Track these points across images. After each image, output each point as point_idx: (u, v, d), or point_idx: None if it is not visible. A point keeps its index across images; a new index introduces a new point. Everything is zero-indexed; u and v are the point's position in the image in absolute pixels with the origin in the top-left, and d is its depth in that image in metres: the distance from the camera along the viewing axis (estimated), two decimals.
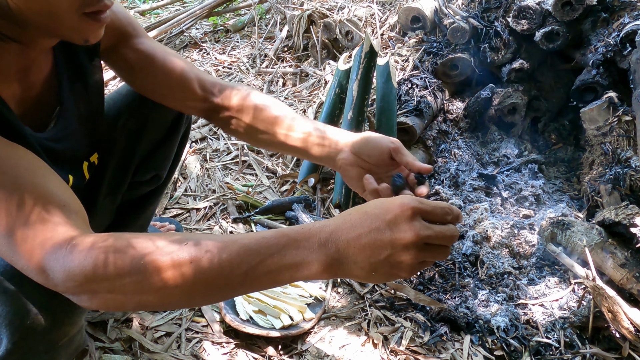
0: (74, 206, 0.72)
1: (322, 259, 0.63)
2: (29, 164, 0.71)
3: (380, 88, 1.97)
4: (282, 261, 0.63)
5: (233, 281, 0.64)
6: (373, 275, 0.64)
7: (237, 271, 0.63)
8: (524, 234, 1.69)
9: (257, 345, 1.29)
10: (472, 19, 2.25)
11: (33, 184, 0.69)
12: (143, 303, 0.67)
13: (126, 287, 0.64)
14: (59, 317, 0.76)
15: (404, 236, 0.62)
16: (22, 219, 0.66)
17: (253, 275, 0.63)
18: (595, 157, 1.90)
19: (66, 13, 0.72)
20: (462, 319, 1.38)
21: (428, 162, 2.08)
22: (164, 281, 0.63)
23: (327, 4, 2.94)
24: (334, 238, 0.64)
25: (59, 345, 0.78)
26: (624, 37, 1.88)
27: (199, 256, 0.63)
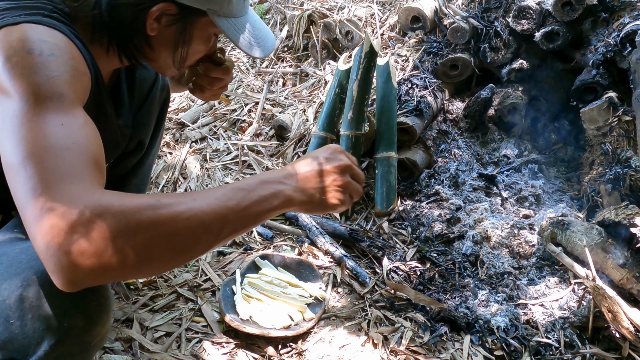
0: (102, 170, 0.77)
1: (289, 189, 0.82)
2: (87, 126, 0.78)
3: (380, 88, 1.97)
4: (262, 193, 0.79)
5: (229, 212, 0.74)
6: (318, 197, 0.85)
7: (230, 203, 0.75)
8: (524, 234, 1.69)
9: (257, 345, 1.28)
10: (472, 19, 2.25)
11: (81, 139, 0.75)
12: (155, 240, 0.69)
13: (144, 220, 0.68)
14: (93, 318, 0.77)
15: (343, 162, 0.88)
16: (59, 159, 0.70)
17: (242, 206, 0.76)
18: (595, 157, 1.90)
19: (186, 66, 1.02)
20: (462, 319, 1.38)
21: (428, 162, 2.08)
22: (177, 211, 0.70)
23: (327, 4, 2.94)
24: (292, 174, 0.85)
25: (92, 345, 0.79)
26: (624, 37, 1.88)
27: (197, 195, 0.74)
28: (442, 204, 1.87)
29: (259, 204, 0.77)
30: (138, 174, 1.40)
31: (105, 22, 0.92)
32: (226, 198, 0.75)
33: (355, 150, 1.89)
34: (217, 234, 0.74)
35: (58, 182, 0.67)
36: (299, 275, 1.48)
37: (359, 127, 1.89)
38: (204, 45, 1.01)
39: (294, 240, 1.70)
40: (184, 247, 0.71)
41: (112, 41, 0.96)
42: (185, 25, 0.94)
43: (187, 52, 0.99)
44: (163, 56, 0.98)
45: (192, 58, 1.02)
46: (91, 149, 0.75)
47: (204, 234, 0.72)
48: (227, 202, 0.74)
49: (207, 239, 0.73)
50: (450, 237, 1.72)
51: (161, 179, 2.03)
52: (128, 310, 1.36)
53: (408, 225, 1.80)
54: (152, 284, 1.48)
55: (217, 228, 0.73)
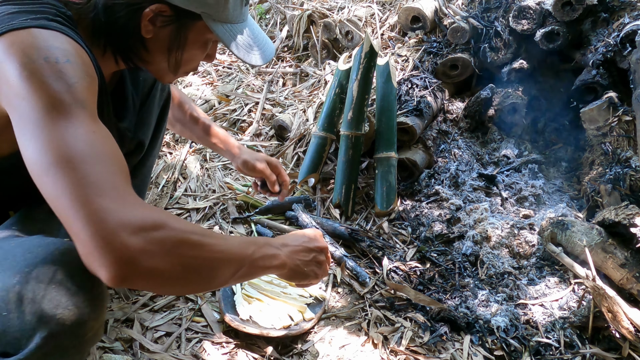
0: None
1: (284, 255, 1.00)
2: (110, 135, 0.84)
3: (380, 88, 1.97)
4: (267, 252, 0.95)
5: (246, 258, 0.88)
6: (302, 267, 1.04)
7: (248, 251, 0.89)
8: (524, 234, 1.69)
9: (257, 345, 1.29)
10: (472, 19, 2.25)
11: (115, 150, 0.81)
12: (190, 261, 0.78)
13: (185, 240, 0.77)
14: (86, 312, 0.77)
15: (322, 244, 1.10)
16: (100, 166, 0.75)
17: (254, 258, 0.90)
18: (595, 157, 1.90)
19: (182, 71, 1.03)
20: (462, 319, 1.39)
21: (428, 162, 2.08)
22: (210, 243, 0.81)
23: (327, 4, 2.94)
24: (286, 244, 1.04)
25: (85, 340, 0.79)
26: (624, 37, 1.88)
27: (224, 236, 0.90)
28: (442, 204, 1.87)
29: (264, 259, 0.92)
30: (138, 175, 1.40)
31: (103, 24, 0.93)
32: (244, 246, 0.89)
33: (355, 151, 1.89)
34: (233, 272, 0.86)
35: (111, 188, 0.73)
36: None
37: (359, 127, 1.89)
38: (200, 51, 1.01)
39: None
40: (210, 274, 0.82)
41: (108, 43, 0.96)
42: (179, 28, 0.94)
43: (182, 56, 0.98)
44: (158, 60, 0.98)
45: (189, 64, 1.02)
46: (120, 155, 0.81)
47: (226, 269, 0.85)
48: (245, 250, 0.89)
49: (225, 273, 0.85)
50: (450, 237, 1.72)
51: (161, 179, 2.03)
52: (128, 310, 1.36)
53: (408, 225, 1.80)
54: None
55: (235, 267, 0.86)
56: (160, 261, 0.72)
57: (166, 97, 1.35)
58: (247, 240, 0.93)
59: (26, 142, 0.75)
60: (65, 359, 0.78)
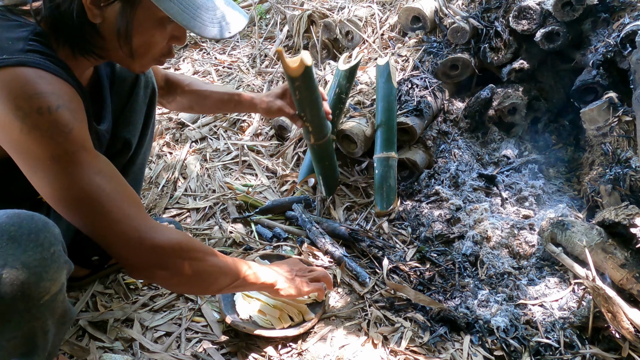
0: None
1: (274, 281, 1.22)
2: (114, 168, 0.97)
3: (381, 88, 1.97)
4: (259, 276, 1.19)
5: (238, 276, 1.14)
6: (292, 290, 1.25)
7: (241, 273, 1.15)
8: (524, 234, 1.69)
9: (257, 345, 1.29)
10: (472, 19, 2.25)
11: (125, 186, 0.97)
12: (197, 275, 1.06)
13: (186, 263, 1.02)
14: (38, 272, 0.75)
15: (303, 266, 1.36)
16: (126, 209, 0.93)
17: (242, 277, 1.15)
18: (595, 157, 1.90)
19: (149, 55, 1.00)
20: (462, 319, 1.38)
21: (428, 162, 2.08)
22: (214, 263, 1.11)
23: (327, 4, 2.94)
24: (276, 271, 1.27)
25: (41, 304, 0.77)
26: (624, 38, 1.88)
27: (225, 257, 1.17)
28: (442, 204, 1.86)
29: (255, 276, 1.18)
30: (129, 173, 1.40)
31: (55, 22, 0.91)
32: (240, 265, 1.15)
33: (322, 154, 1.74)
34: (229, 283, 1.12)
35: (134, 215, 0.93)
36: None
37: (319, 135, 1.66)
38: (157, 32, 0.95)
39: (294, 240, 1.70)
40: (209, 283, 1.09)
41: (66, 40, 0.94)
42: (125, 6, 0.90)
43: (134, 37, 0.93)
44: (115, 45, 0.95)
45: (149, 47, 0.97)
46: (125, 184, 0.96)
47: (224, 279, 1.11)
48: (241, 268, 1.15)
49: (223, 283, 1.11)
50: (450, 237, 1.72)
51: (161, 179, 2.03)
52: (128, 310, 1.36)
53: (408, 225, 1.80)
54: (152, 284, 1.48)
55: (231, 279, 1.12)
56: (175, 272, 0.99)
57: (151, 93, 1.35)
58: (245, 263, 1.17)
59: (40, 183, 0.87)
60: (20, 326, 0.76)
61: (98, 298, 1.40)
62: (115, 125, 1.28)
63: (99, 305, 1.37)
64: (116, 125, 1.28)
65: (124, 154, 1.33)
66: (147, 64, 1.03)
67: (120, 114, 1.28)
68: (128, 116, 1.29)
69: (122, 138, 1.29)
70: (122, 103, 1.27)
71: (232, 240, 1.69)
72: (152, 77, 1.34)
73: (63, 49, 0.95)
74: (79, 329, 1.29)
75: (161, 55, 1.02)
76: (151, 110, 1.37)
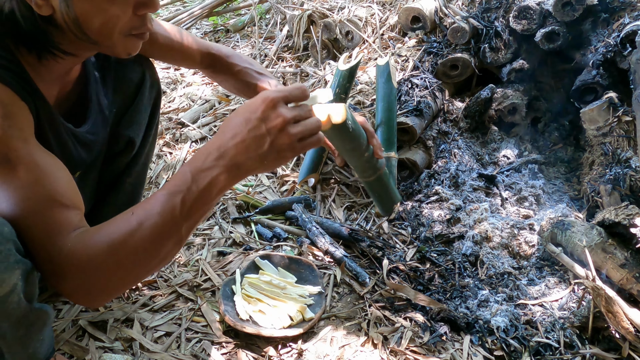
0: (77, 204, 0.86)
1: (223, 171, 0.78)
2: (50, 169, 0.84)
3: (381, 88, 1.97)
4: (199, 187, 0.78)
5: (177, 220, 0.78)
6: (266, 163, 0.78)
7: (175, 212, 0.78)
8: (524, 234, 1.69)
9: (257, 345, 1.29)
10: (472, 19, 2.25)
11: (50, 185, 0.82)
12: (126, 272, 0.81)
13: (107, 266, 0.79)
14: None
15: (275, 123, 0.76)
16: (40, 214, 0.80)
17: (187, 208, 0.78)
18: (595, 157, 1.90)
19: (117, 34, 0.87)
20: (462, 319, 1.38)
21: (428, 162, 2.08)
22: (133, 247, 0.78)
23: (327, 4, 2.94)
24: (223, 152, 0.78)
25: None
26: (624, 38, 1.88)
27: (142, 218, 0.79)
28: (442, 204, 1.87)
29: (199, 199, 0.78)
30: (132, 173, 1.40)
31: (8, 26, 0.84)
32: (168, 209, 0.78)
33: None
34: (176, 239, 0.81)
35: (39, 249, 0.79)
36: (299, 275, 1.48)
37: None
38: (107, 4, 0.83)
39: (294, 240, 1.70)
40: (155, 262, 0.82)
41: (27, 45, 0.87)
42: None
43: (77, 16, 0.82)
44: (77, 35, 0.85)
45: (111, 25, 0.85)
46: (55, 193, 0.82)
47: (165, 246, 0.80)
48: (172, 213, 0.78)
49: (171, 245, 0.81)
50: (450, 238, 1.72)
51: (161, 179, 2.03)
52: (128, 310, 1.36)
53: (408, 226, 1.80)
54: (152, 284, 1.48)
55: (174, 235, 0.80)
56: (93, 291, 0.81)
57: (156, 94, 1.34)
58: (169, 193, 0.78)
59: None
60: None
61: None
62: (119, 124, 1.27)
63: None
64: (120, 124, 1.28)
65: (127, 153, 1.33)
66: (125, 44, 0.90)
67: (125, 113, 1.28)
68: (133, 115, 1.29)
69: (126, 137, 1.29)
70: (127, 103, 1.26)
71: (232, 240, 1.69)
72: (158, 78, 1.33)
73: (28, 56, 0.88)
74: (79, 329, 1.29)
75: (132, 29, 0.88)
76: (156, 110, 1.37)
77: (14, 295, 0.76)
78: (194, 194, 0.78)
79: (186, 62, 1.36)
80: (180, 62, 1.37)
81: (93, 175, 1.28)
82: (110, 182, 1.36)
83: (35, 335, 0.86)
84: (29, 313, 0.81)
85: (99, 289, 0.81)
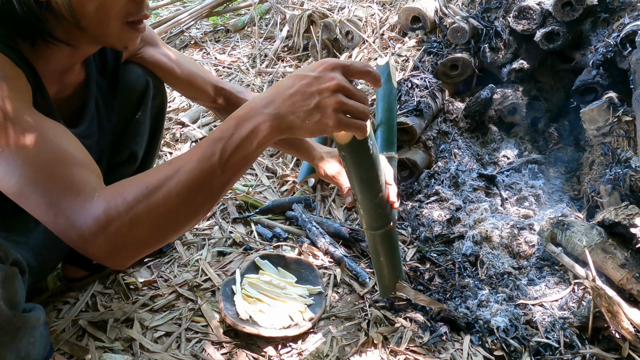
0: (92, 167, 0.81)
1: (268, 119, 0.75)
2: (57, 131, 0.82)
3: (381, 88, 1.97)
4: (241, 135, 0.75)
5: (215, 168, 0.74)
6: (307, 123, 0.76)
7: (214, 159, 0.74)
8: (524, 234, 1.69)
9: (257, 345, 1.29)
10: (472, 19, 2.25)
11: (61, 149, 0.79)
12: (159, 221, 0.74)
13: (140, 213, 0.73)
14: None
15: (329, 84, 0.75)
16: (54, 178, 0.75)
17: (226, 157, 0.74)
18: (595, 157, 1.90)
19: (113, 19, 0.86)
20: (462, 319, 1.38)
21: (428, 163, 2.08)
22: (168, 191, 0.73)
23: (327, 4, 2.94)
24: (271, 101, 0.76)
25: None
26: (624, 38, 1.88)
27: (181, 164, 0.75)
28: (442, 204, 1.86)
29: (240, 148, 0.75)
30: None
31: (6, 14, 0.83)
32: (207, 156, 0.74)
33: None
34: (211, 190, 0.75)
35: (58, 207, 0.73)
36: (299, 275, 1.48)
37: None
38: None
39: (294, 240, 1.70)
40: (186, 214, 0.76)
41: (19, 30, 0.86)
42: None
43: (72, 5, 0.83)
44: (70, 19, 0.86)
45: (106, 10, 0.85)
46: (66, 153, 0.79)
47: (199, 196, 0.75)
48: (210, 160, 0.74)
49: (204, 197, 0.75)
50: (450, 238, 1.72)
51: None
52: (128, 310, 1.36)
53: (408, 225, 1.80)
54: (152, 284, 1.48)
55: (209, 186, 0.75)
56: (132, 241, 0.74)
57: (159, 104, 1.33)
58: (211, 139, 0.76)
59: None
60: None
61: (98, 298, 1.40)
62: (122, 136, 1.26)
63: (99, 305, 1.37)
64: (123, 135, 1.26)
65: (130, 165, 1.32)
66: (121, 33, 0.89)
67: (128, 124, 1.26)
68: (136, 127, 1.27)
69: (129, 149, 1.28)
70: (129, 113, 1.24)
71: (232, 240, 1.69)
72: (162, 88, 1.31)
73: (22, 43, 0.87)
74: (79, 329, 1.29)
75: (127, 15, 0.87)
76: (158, 122, 1.34)
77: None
78: (235, 141, 0.75)
79: (199, 92, 1.31)
80: (194, 92, 1.31)
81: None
82: None
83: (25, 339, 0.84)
84: (12, 319, 0.79)
85: (134, 240, 0.74)
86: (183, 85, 1.28)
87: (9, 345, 0.81)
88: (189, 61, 1.29)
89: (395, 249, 1.30)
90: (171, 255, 1.60)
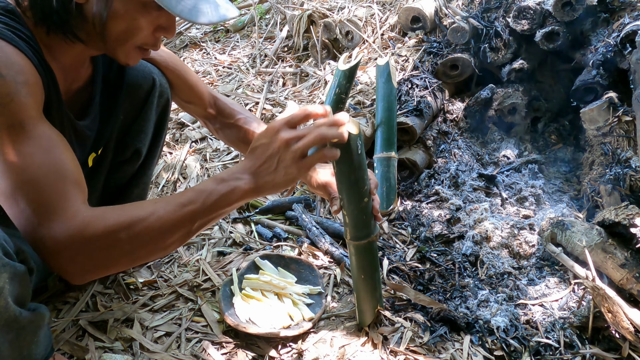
0: (82, 185, 0.88)
1: (243, 183, 0.90)
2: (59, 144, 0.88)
3: (381, 88, 1.97)
4: (222, 190, 0.88)
5: (194, 214, 0.87)
6: (277, 180, 0.90)
7: (194, 206, 0.87)
8: (524, 234, 1.69)
9: (257, 345, 1.29)
10: (472, 19, 2.25)
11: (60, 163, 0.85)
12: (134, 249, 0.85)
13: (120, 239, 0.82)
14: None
15: (279, 143, 0.89)
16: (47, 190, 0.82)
17: (208, 205, 0.88)
18: (595, 157, 1.90)
19: (130, 43, 0.95)
20: (462, 319, 1.38)
21: (428, 162, 2.08)
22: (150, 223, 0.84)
23: (327, 4, 2.94)
24: (248, 168, 0.91)
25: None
26: (624, 38, 1.88)
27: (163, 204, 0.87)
28: (442, 204, 1.87)
29: (219, 202, 0.88)
30: (140, 184, 1.39)
31: (37, 4, 0.89)
32: (191, 201, 0.87)
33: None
34: (188, 230, 0.88)
35: (45, 214, 0.80)
36: (299, 275, 1.48)
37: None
38: (140, 15, 0.91)
39: (294, 240, 1.70)
40: (161, 247, 0.88)
41: (42, 18, 0.90)
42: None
43: (106, 17, 0.89)
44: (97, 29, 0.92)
45: (131, 35, 0.93)
46: (65, 168, 0.86)
47: (176, 234, 0.87)
48: (192, 205, 0.87)
49: (180, 236, 0.88)
50: (450, 237, 1.72)
51: (161, 179, 2.03)
52: (128, 310, 1.36)
53: (408, 225, 1.80)
54: (153, 284, 1.48)
55: (188, 225, 0.88)
56: (96, 266, 0.84)
57: (164, 103, 1.33)
58: (197, 190, 0.89)
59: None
60: None
61: (98, 298, 1.40)
62: (127, 133, 1.27)
63: (99, 305, 1.37)
64: (128, 132, 1.27)
65: (133, 162, 1.32)
66: (130, 53, 0.97)
67: (133, 122, 1.26)
68: (141, 124, 1.28)
69: (133, 146, 1.28)
70: (135, 110, 1.25)
71: (232, 240, 1.69)
72: (167, 87, 1.31)
73: (39, 28, 0.91)
74: (79, 329, 1.29)
75: (144, 45, 0.96)
76: (162, 120, 1.35)
77: (1, 299, 0.75)
78: (214, 197, 0.88)
79: (198, 97, 1.37)
80: (194, 96, 1.36)
81: (98, 181, 1.27)
82: (116, 191, 1.35)
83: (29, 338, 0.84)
84: (18, 316, 0.79)
85: (105, 262, 0.85)
86: (186, 86, 1.32)
87: (12, 343, 0.81)
88: (187, 66, 1.36)
89: (376, 268, 1.27)
90: (171, 255, 1.60)
